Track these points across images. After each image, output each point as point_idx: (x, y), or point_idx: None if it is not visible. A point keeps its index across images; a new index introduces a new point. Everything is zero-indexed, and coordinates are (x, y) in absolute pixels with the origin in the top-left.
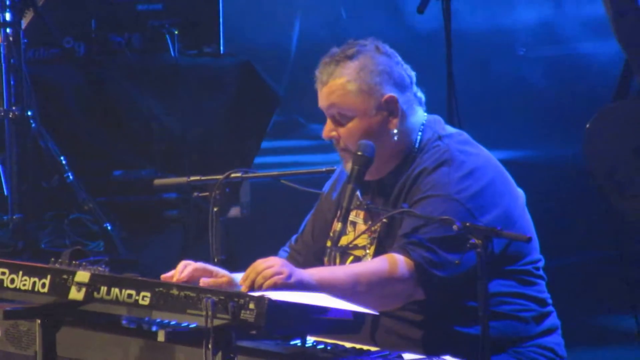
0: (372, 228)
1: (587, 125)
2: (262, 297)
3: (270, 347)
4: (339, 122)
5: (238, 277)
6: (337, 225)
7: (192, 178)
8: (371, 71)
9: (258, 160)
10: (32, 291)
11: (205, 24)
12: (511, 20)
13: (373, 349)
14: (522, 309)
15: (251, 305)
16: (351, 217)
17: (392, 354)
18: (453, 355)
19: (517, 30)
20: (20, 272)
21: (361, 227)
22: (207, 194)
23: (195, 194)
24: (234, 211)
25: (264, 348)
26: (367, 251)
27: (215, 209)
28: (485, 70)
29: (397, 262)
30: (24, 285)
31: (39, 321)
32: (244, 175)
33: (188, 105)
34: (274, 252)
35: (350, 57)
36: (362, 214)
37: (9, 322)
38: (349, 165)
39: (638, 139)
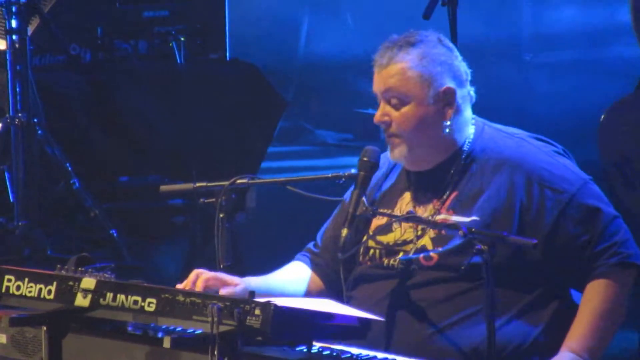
0: (420, 227)
1: (604, 113)
2: (268, 303)
3: (276, 354)
4: (393, 107)
5: (249, 281)
6: (344, 231)
7: (198, 184)
8: (433, 60)
9: (264, 164)
10: (38, 298)
11: (211, 30)
12: (518, 26)
13: (380, 355)
14: None
15: (257, 312)
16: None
17: None
18: None
19: (523, 36)
20: (26, 279)
21: (406, 223)
22: (213, 200)
23: (202, 200)
24: (240, 217)
25: (269, 354)
26: (415, 244)
27: (221, 215)
28: (491, 76)
29: (620, 283)
30: (30, 292)
31: (44, 328)
32: (250, 182)
33: (194, 112)
34: (280, 257)
35: (413, 44)
36: (409, 205)
37: (15, 329)
38: (396, 152)
39: None
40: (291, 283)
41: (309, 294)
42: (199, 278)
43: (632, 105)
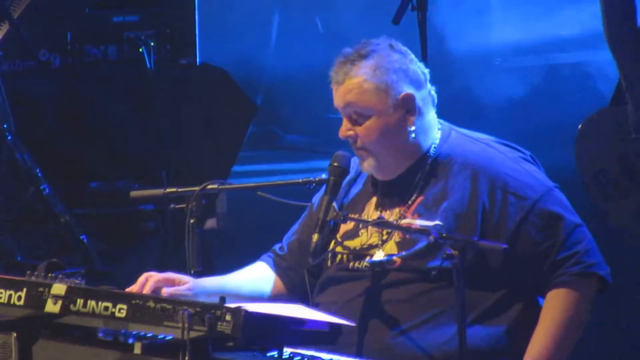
0: (385, 231)
1: (580, 126)
2: (238, 309)
3: (247, 359)
4: (355, 122)
5: (202, 281)
6: (314, 237)
7: (169, 190)
8: (387, 69)
9: (235, 168)
10: (8, 304)
11: (181, 35)
12: (487, 30)
13: None
14: None
15: (228, 317)
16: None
17: None
18: None
19: (493, 40)
20: None
21: (372, 228)
22: (183, 205)
23: (172, 205)
24: (211, 222)
25: None
26: (380, 249)
27: (191, 221)
28: (463, 81)
29: (581, 292)
30: (0, 298)
31: (14, 334)
32: (220, 187)
33: (164, 117)
34: (250, 262)
35: (365, 56)
36: (373, 214)
37: None
38: (366, 164)
39: (625, 146)
40: (247, 284)
41: (268, 295)
42: (148, 280)
43: (606, 118)
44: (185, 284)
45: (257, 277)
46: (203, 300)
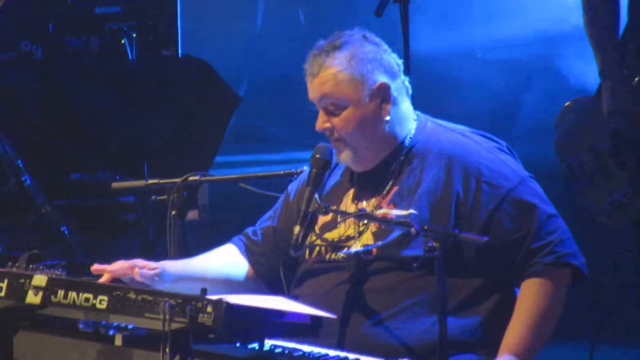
0: (362, 222)
1: (556, 120)
2: (219, 301)
3: (228, 351)
4: (332, 113)
5: (166, 265)
6: (296, 229)
7: (150, 181)
8: (361, 59)
9: (217, 159)
10: None
11: (163, 27)
12: (469, 23)
13: (332, 352)
14: None
15: (209, 309)
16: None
17: (349, 357)
18: (411, 357)
19: (475, 33)
20: None
21: (349, 220)
22: (165, 197)
23: (153, 197)
24: (192, 214)
25: (221, 352)
26: (357, 240)
27: (173, 212)
28: (444, 73)
29: (555, 282)
30: None
31: None
32: (202, 179)
33: (146, 108)
34: None
35: (339, 48)
36: (351, 205)
37: None
38: (343, 156)
39: (595, 137)
40: (212, 268)
41: (236, 279)
42: (115, 263)
43: (578, 108)
44: (153, 268)
45: (224, 260)
46: (170, 288)
